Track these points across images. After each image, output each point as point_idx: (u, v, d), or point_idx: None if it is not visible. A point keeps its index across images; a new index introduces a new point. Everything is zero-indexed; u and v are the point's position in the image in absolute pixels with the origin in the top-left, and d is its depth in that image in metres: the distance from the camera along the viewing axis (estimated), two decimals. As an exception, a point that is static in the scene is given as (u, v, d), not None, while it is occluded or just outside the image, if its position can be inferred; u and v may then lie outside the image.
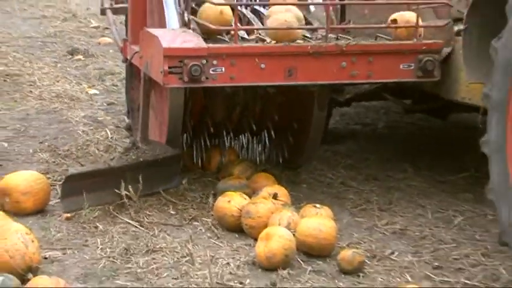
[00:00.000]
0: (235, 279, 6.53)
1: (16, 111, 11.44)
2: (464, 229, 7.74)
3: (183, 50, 6.96)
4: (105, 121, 10.97)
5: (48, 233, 7.36)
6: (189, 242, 7.16)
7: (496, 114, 6.26)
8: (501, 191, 6.16)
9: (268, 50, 7.30)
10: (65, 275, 6.42)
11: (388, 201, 8.30)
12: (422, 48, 7.56)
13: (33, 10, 19.01)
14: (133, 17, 8.19)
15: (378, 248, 7.23)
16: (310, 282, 6.59)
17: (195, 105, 7.90)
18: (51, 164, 9.20)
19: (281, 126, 8.55)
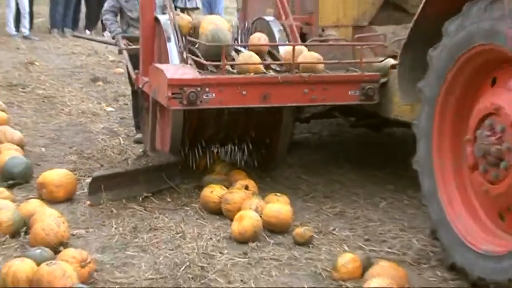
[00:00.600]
0: (217, 250, 6.56)
1: (51, 124, 11.40)
2: (387, 211, 7.79)
3: (182, 80, 6.99)
4: (118, 131, 10.96)
5: (75, 216, 7.39)
6: (182, 222, 7.18)
7: (424, 140, 6.36)
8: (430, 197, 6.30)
9: (248, 80, 7.30)
10: (87, 247, 6.44)
11: (330, 191, 8.32)
12: (365, 78, 7.61)
13: (65, 48, 18.88)
14: (144, 55, 8.15)
15: (323, 225, 7.26)
16: (272, 252, 6.63)
17: (191, 123, 7.85)
18: (78, 164, 9.19)
19: (257, 140, 8.52)
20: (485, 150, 5.73)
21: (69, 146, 10.21)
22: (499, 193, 5.72)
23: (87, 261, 5.88)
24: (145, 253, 6.53)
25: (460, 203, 6.20)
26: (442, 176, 6.31)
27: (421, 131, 6.41)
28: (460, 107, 6.21)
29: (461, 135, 6.15)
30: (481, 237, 5.96)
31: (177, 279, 5.96)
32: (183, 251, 6.53)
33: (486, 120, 5.74)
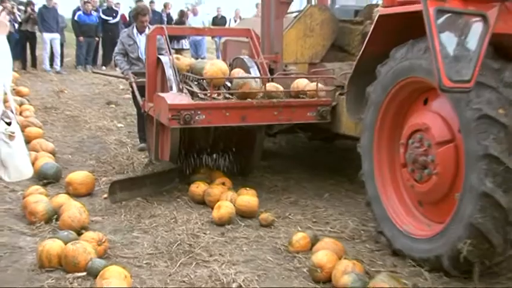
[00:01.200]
0: (201, 231, 6.58)
1: (76, 137, 11.36)
2: (329, 200, 7.83)
3: (180, 105, 6.98)
4: (126, 142, 10.94)
5: (94, 206, 7.37)
6: (174, 210, 7.17)
7: (367, 133, 6.38)
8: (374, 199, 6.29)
9: (230, 104, 7.29)
10: (102, 230, 6.42)
11: (287, 185, 8.36)
12: (320, 103, 7.63)
13: (86, 80, 18.93)
14: (149, 86, 8.12)
15: (281, 212, 7.29)
16: (243, 232, 6.66)
17: (185, 138, 7.81)
18: (96, 167, 9.18)
19: (237, 151, 8.52)
20: (414, 158, 5.75)
21: (89, 153, 10.19)
22: (421, 190, 5.82)
23: (103, 241, 5.90)
24: (147, 234, 6.54)
25: (391, 187, 6.25)
26: (378, 161, 6.33)
27: (365, 126, 6.39)
28: (395, 121, 6.22)
29: (396, 138, 6.16)
30: (404, 218, 6.03)
31: (171, 253, 5.96)
32: (176, 232, 6.53)
33: (417, 133, 5.74)
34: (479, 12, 4.87)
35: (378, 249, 6.25)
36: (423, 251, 5.60)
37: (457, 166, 5.39)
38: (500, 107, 4.85)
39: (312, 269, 5.50)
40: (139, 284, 5.23)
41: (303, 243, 6.14)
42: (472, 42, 4.83)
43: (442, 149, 5.45)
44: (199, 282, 5.30)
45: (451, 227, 5.31)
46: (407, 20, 5.58)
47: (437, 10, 4.72)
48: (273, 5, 8.35)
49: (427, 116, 5.75)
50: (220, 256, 5.95)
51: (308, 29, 8.92)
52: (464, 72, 4.75)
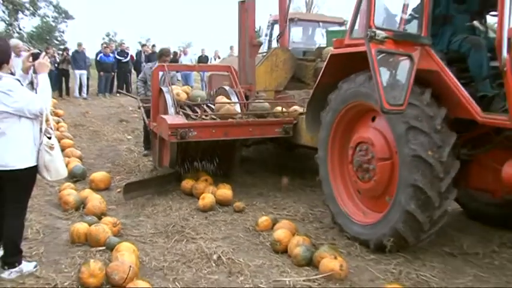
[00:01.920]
0: (190, 216, 6.52)
1: (97, 146, 11.22)
2: (286, 192, 7.77)
3: (177, 125, 6.89)
4: (134, 150, 10.79)
5: (110, 198, 7.26)
6: (170, 200, 7.10)
7: (323, 165, 6.26)
8: (330, 199, 6.15)
9: (216, 123, 7.19)
10: (117, 216, 6.34)
11: (255, 182, 8.27)
12: (285, 121, 7.59)
13: (105, 104, 18.80)
14: (153, 109, 8.03)
15: (250, 201, 7.20)
16: (222, 216, 6.60)
17: (181, 149, 7.64)
18: (111, 168, 9.07)
19: (221, 158, 8.35)
20: (359, 163, 5.66)
21: (107, 158, 10.05)
22: (361, 187, 5.77)
23: (117, 224, 5.84)
24: (149, 218, 6.45)
25: (342, 186, 6.11)
26: (332, 168, 6.19)
27: (321, 141, 6.27)
28: (344, 136, 6.09)
29: (345, 146, 6.03)
30: (353, 210, 5.92)
31: (168, 233, 5.90)
32: (171, 217, 6.47)
33: (364, 144, 5.64)
34: (406, 53, 4.91)
35: (321, 228, 6.24)
36: (357, 232, 5.65)
37: (391, 178, 5.34)
38: (430, 149, 4.84)
39: (273, 243, 5.48)
40: (144, 256, 5.16)
41: (266, 224, 6.09)
42: (403, 75, 4.86)
43: (382, 163, 5.39)
44: (189, 254, 5.24)
45: (379, 226, 5.34)
46: (351, 58, 5.56)
47: (377, 51, 4.73)
48: (247, 47, 8.36)
49: (371, 132, 5.62)
50: (204, 234, 5.88)
51: (274, 65, 9.06)
52: (398, 98, 4.76)
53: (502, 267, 5.16)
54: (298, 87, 9.10)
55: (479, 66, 5.04)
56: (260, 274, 4.82)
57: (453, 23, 5.53)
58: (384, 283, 4.57)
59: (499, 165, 4.95)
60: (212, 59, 24.89)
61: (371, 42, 4.71)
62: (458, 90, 4.88)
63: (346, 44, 5.77)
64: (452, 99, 4.96)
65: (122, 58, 22.41)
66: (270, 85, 9.09)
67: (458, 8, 5.60)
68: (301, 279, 4.66)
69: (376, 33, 4.70)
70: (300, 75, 9.30)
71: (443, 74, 4.96)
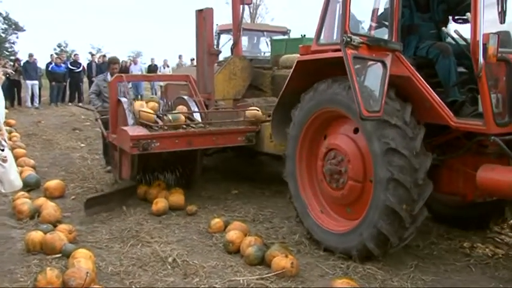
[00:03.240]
0: (144, 220, 6.41)
1: (50, 155, 10.87)
2: (236, 194, 7.72)
3: (139, 136, 6.57)
4: (87, 157, 10.52)
5: (65, 205, 7.04)
6: (124, 206, 6.92)
7: (290, 162, 5.95)
8: (296, 197, 5.90)
9: (179, 133, 6.89)
10: (72, 223, 6.17)
11: (206, 186, 8.12)
12: (247, 129, 7.34)
13: (57, 113, 18.33)
14: (112, 121, 7.50)
15: (202, 204, 7.12)
16: (175, 220, 6.52)
17: (142, 160, 7.21)
18: (65, 176, 8.80)
19: (182, 168, 7.99)
20: (331, 170, 5.36)
21: (60, 166, 9.76)
22: (337, 196, 5.44)
23: (72, 231, 5.69)
24: (105, 224, 6.30)
25: (313, 200, 5.77)
26: (301, 182, 5.88)
27: (290, 139, 5.91)
28: (313, 142, 5.78)
29: (313, 157, 5.77)
30: (331, 223, 5.53)
31: (123, 238, 5.79)
32: (126, 222, 6.34)
33: (332, 151, 5.37)
34: (380, 58, 4.72)
35: (271, 227, 6.25)
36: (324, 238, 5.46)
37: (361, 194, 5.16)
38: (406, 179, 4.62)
39: (226, 244, 5.44)
40: (101, 261, 5.04)
41: (218, 226, 6.04)
42: (378, 81, 4.65)
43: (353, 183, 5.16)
44: (144, 258, 5.15)
45: (348, 237, 5.12)
46: (318, 64, 5.38)
47: (353, 56, 4.55)
48: (206, 56, 8.06)
49: (338, 139, 5.38)
50: (159, 238, 5.79)
51: (232, 73, 8.78)
52: (375, 104, 4.55)
53: (440, 257, 5.31)
54: (256, 95, 8.93)
55: (447, 72, 4.92)
56: (215, 275, 4.77)
57: (419, 32, 5.41)
58: (334, 278, 4.59)
59: (470, 169, 4.85)
60: (161, 67, 24.71)
61: (347, 48, 4.54)
62: (431, 95, 4.71)
63: (312, 51, 5.57)
64: (423, 104, 4.78)
65: (75, 68, 22.15)
66: (228, 94, 8.81)
67: (423, 16, 5.51)
68: (254, 278, 4.64)
69: (352, 39, 4.54)
70: (257, 83, 9.11)
71: (414, 79, 4.78)
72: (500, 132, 4.44)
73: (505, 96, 4.48)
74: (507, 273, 4.89)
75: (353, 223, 5.20)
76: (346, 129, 5.35)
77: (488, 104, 4.37)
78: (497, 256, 5.32)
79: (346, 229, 5.23)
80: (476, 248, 5.53)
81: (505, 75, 4.49)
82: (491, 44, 4.18)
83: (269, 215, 6.77)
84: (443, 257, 5.28)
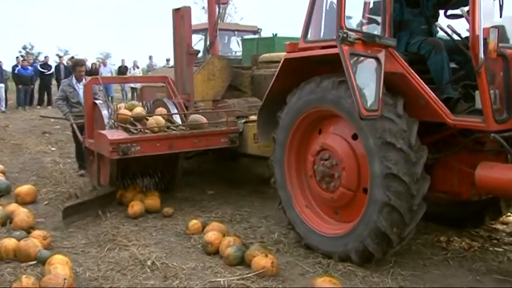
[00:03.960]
0: (121, 224, 6.35)
1: (20, 160, 10.62)
2: (213, 195, 7.69)
3: (119, 140, 6.33)
4: (59, 161, 10.35)
5: (37, 211, 6.88)
6: (100, 210, 6.81)
7: (279, 148, 5.69)
8: (281, 185, 5.68)
9: (160, 136, 6.68)
10: (46, 228, 6.06)
11: (182, 188, 7.93)
12: (230, 131, 7.14)
13: (25, 117, 18.03)
14: (87, 125, 7.25)
15: (178, 206, 7.06)
16: (152, 222, 6.46)
17: (121, 166, 6.96)
18: (37, 181, 8.63)
19: (162, 172, 7.79)
20: (323, 172, 5.19)
21: (31, 171, 9.56)
22: (326, 197, 5.29)
23: (47, 236, 5.58)
24: (80, 229, 6.20)
25: (299, 192, 5.62)
26: (289, 171, 5.65)
27: (277, 143, 5.69)
28: (305, 133, 5.53)
29: (303, 148, 5.55)
30: (316, 221, 5.42)
31: (100, 242, 5.72)
32: (101, 226, 6.26)
33: (326, 151, 5.17)
34: (375, 55, 4.56)
35: (249, 227, 6.23)
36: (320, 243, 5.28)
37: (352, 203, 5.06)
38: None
39: (205, 245, 5.40)
40: (78, 267, 4.95)
41: (196, 227, 6.00)
42: (373, 78, 4.50)
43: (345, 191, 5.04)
44: (123, 262, 5.08)
45: (345, 239, 4.95)
46: (306, 62, 5.21)
47: (350, 53, 4.39)
48: (184, 56, 7.81)
49: (330, 139, 5.20)
50: (136, 241, 5.72)
51: (211, 74, 8.55)
52: (372, 103, 4.41)
53: (418, 251, 5.37)
54: (235, 95, 8.70)
55: (440, 68, 4.82)
56: (195, 276, 4.73)
57: (409, 27, 5.28)
58: (315, 276, 4.60)
59: (466, 167, 4.75)
60: (131, 69, 24.50)
61: (343, 44, 4.38)
62: (426, 92, 4.56)
63: (300, 48, 5.37)
64: (417, 101, 4.65)
65: (46, 71, 21.86)
66: (208, 95, 8.57)
67: (413, 12, 5.39)
68: (235, 278, 4.62)
69: (348, 35, 4.37)
70: (236, 84, 8.87)
71: (409, 76, 4.63)
72: (499, 129, 4.36)
73: (502, 92, 4.40)
74: (483, 266, 4.97)
75: (340, 227, 5.16)
76: (343, 131, 5.12)
77: (487, 100, 4.28)
78: (473, 249, 5.41)
79: (332, 233, 5.18)
80: (453, 241, 5.62)
81: (502, 70, 4.42)
82: (491, 39, 4.06)
83: (246, 214, 6.75)
84: (421, 252, 5.34)
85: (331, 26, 4.88)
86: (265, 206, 7.10)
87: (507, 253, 5.30)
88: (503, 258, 5.18)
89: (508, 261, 5.12)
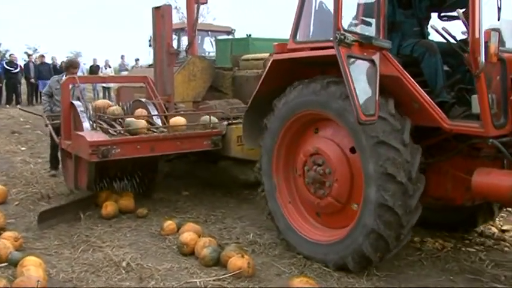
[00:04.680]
0: (94, 225, 6.28)
1: (-12, 160, 10.51)
2: (187, 196, 7.65)
3: (98, 142, 6.08)
4: (29, 161, 10.17)
5: (8, 211, 6.76)
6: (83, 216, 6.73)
7: (266, 176, 5.56)
8: (266, 173, 5.56)
9: (141, 138, 6.43)
10: (17, 229, 5.96)
11: (158, 189, 7.90)
12: (213, 133, 6.89)
13: (-7, 115, 17.67)
14: (64, 126, 6.96)
15: (152, 207, 7.01)
16: (126, 223, 6.40)
17: (99, 168, 6.75)
18: (7, 181, 8.46)
19: (142, 174, 7.58)
20: (314, 178, 5.02)
21: (0, 171, 9.37)
22: (311, 200, 5.14)
23: (18, 238, 5.47)
24: (53, 230, 6.10)
25: (284, 185, 5.47)
26: (276, 162, 5.46)
27: (264, 151, 5.53)
28: (290, 148, 5.41)
29: (292, 152, 5.39)
30: (293, 214, 5.36)
31: (73, 243, 5.65)
32: (75, 227, 6.18)
33: (320, 157, 4.98)
34: (370, 57, 4.41)
35: (224, 228, 6.23)
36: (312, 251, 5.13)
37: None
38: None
39: (180, 246, 5.37)
40: (51, 268, 4.87)
41: (171, 228, 5.96)
42: (370, 81, 4.36)
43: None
44: (97, 263, 5.02)
45: (340, 245, 4.81)
46: (295, 64, 5.07)
47: (347, 55, 4.25)
48: (165, 55, 7.60)
49: (322, 143, 5.03)
50: (111, 242, 5.67)
51: (191, 74, 8.38)
52: (369, 108, 4.24)
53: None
54: (216, 96, 8.51)
55: (434, 71, 4.70)
56: (170, 277, 4.71)
57: (401, 29, 5.16)
58: (291, 276, 4.61)
59: (461, 172, 4.67)
60: (103, 68, 24.27)
61: (340, 46, 4.22)
62: (422, 96, 4.42)
63: (289, 49, 5.19)
64: (411, 105, 4.53)
65: (12, 69, 21.42)
66: (188, 96, 8.37)
67: (405, 13, 5.27)
68: (211, 279, 4.61)
69: (346, 36, 4.22)
70: (217, 85, 8.70)
71: (404, 79, 4.47)
72: (497, 134, 4.28)
73: (499, 96, 4.33)
74: (456, 266, 5.05)
75: (323, 233, 5.10)
76: (342, 140, 4.91)
77: (486, 105, 4.18)
78: (446, 249, 5.48)
79: (313, 238, 5.10)
80: (426, 242, 5.68)
81: (500, 74, 4.36)
82: (492, 42, 3.95)
83: (221, 215, 6.74)
84: (396, 253, 5.36)
85: (321, 27, 4.80)
86: (240, 207, 7.11)
87: (479, 253, 5.38)
88: (475, 258, 5.26)
89: (479, 261, 5.20)
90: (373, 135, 4.39)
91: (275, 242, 5.58)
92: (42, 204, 7.16)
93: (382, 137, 4.36)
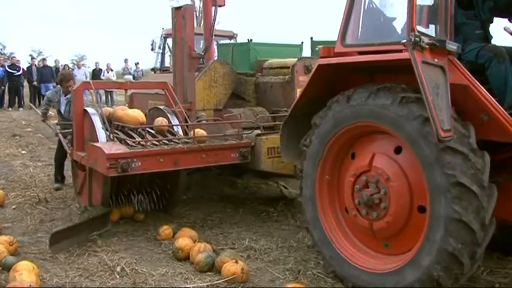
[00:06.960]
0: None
1: (-12, 163, 10.53)
2: (187, 202, 7.61)
3: (117, 155, 5.61)
4: (29, 165, 10.19)
5: (5, 215, 6.81)
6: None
7: (309, 203, 4.92)
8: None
9: (164, 151, 5.95)
10: (13, 233, 5.96)
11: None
12: (242, 144, 6.43)
13: (-5, 118, 17.73)
14: (77, 136, 6.54)
15: (150, 212, 7.00)
16: (122, 227, 6.39)
17: (115, 183, 6.43)
18: (5, 185, 8.50)
19: (161, 189, 7.02)
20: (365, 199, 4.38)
21: (0, 175, 9.40)
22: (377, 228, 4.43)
23: (14, 242, 5.47)
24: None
25: (336, 229, 4.80)
26: (322, 211, 4.85)
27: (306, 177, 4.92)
28: (333, 169, 4.84)
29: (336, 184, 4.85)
30: (355, 254, 4.64)
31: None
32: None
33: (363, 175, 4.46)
34: (440, 63, 3.93)
35: (220, 233, 6.20)
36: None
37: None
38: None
39: (175, 251, 5.37)
40: (45, 273, 4.87)
41: (167, 232, 5.96)
42: (441, 91, 3.82)
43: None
44: (91, 268, 5.02)
45: (404, 271, 4.09)
46: (342, 69, 4.61)
47: (422, 61, 3.76)
48: (186, 60, 7.15)
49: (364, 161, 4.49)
50: (106, 246, 5.66)
51: (213, 81, 7.70)
52: (445, 122, 3.72)
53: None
54: (238, 104, 7.92)
55: (503, 80, 4.21)
56: (164, 282, 4.69)
57: (462, 32, 4.60)
58: (285, 282, 4.60)
59: None
60: (105, 72, 24.30)
61: (415, 50, 3.76)
62: (495, 107, 3.88)
63: (336, 53, 4.63)
64: (479, 118, 3.98)
65: (14, 71, 21.51)
66: (209, 103, 7.68)
67: (466, 14, 4.72)
68: (205, 285, 4.60)
69: (421, 39, 3.75)
70: (239, 92, 8.05)
71: (474, 88, 3.92)
72: None
73: None
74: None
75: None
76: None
77: None
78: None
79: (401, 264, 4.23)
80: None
81: None
82: None
83: (218, 220, 6.72)
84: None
85: (372, 28, 4.50)
86: (237, 212, 7.09)
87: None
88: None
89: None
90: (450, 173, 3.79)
91: (270, 248, 5.58)
92: (40, 209, 7.18)
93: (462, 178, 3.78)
